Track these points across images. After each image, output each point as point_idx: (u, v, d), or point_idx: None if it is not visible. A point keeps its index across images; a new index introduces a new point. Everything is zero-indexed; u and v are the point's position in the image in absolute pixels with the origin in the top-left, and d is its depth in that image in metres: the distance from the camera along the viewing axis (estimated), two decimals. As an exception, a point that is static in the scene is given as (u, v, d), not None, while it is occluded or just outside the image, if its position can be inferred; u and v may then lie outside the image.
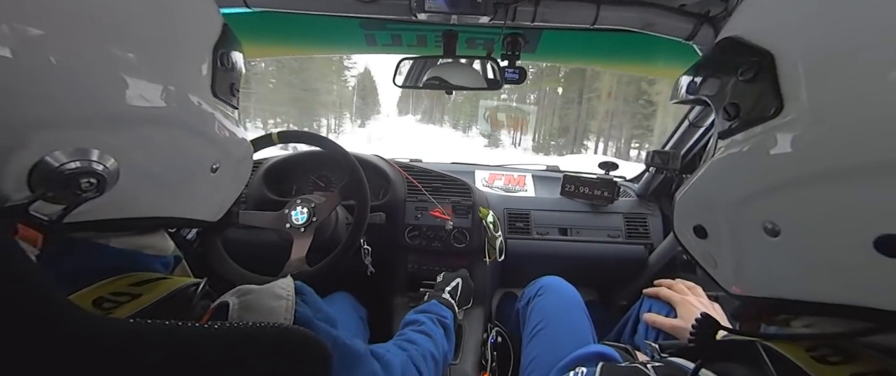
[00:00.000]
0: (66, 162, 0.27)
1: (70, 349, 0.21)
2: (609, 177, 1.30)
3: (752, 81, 0.31)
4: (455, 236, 1.17)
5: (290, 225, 0.87)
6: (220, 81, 0.38)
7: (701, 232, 0.38)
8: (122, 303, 0.31)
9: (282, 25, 1.14)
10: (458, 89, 1.13)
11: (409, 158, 1.54)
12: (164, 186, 0.36)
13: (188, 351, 0.25)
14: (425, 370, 0.59)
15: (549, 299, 0.91)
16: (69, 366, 0.21)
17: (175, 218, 0.39)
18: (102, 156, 0.29)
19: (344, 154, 0.89)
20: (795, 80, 0.27)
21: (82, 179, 0.28)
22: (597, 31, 0.94)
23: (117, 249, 0.36)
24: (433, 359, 0.63)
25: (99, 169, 0.29)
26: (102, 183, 0.29)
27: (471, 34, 1.11)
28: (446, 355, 0.69)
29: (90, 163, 0.28)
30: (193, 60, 0.36)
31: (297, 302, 0.36)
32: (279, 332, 0.29)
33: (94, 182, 0.29)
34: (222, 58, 0.39)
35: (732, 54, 0.34)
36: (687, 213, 0.40)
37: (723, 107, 0.34)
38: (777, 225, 0.29)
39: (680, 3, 0.87)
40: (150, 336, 0.24)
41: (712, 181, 0.37)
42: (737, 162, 0.33)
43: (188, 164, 0.37)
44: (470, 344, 1.03)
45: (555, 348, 0.78)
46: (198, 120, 0.36)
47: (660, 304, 0.83)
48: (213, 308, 0.33)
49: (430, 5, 0.82)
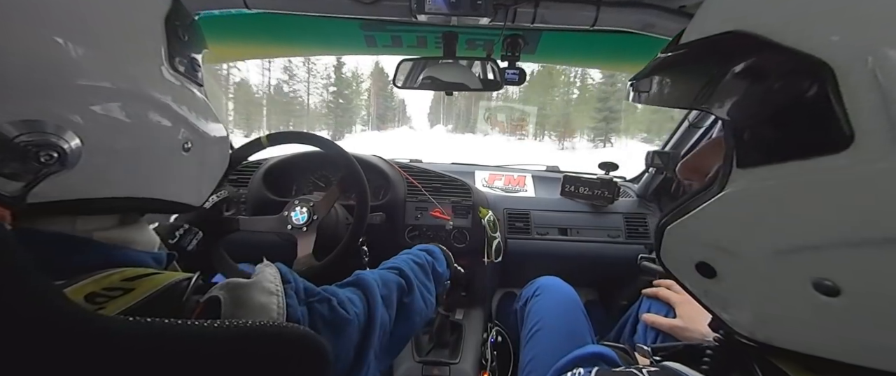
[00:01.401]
0: (17, 134, 0.27)
1: (62, 345, 0.21)
2: (609, 178, 1.31)
3: (799, 101, 0.23)
4: (455, 236, 1.17)
5: (291, 226, 0.88)
6: (177, 55, 0.38)
7: (707, 270, 0.31)
8: (114, 298, 0.30)
9: (282, 27, 1.14)
10: (457, 90, 1.14)
11: (410, 158, 1.54)
12: (133, 164, 0.35)
13: (185, 351, 0.25)
14: (409, 272, 0.60)
15: (546, 299, 0.91)
16: (61, 363, 0.21)
17: (154, 199, 0.38)
18: (61, 130, 0.29)
19: (339, 151, 0.90)
20: (871, 101, 0.20)
21: (40, 152, 0.28)
22: (596, 32, 0.95)
23: (104, 244, 0.36)
24: (417, 265, 0.64)
25: (56, 141, 0.29)
26: (63, 156, 0.29)
27: (471, 35, 1.11)
28: (434, 266, 0.70)
29: (46, 136, 0.28)
30: (145, 32, 0.36)
31: (287, 293, 0.36)
32: (279, 332, 0.30)
33: (54, 155, 0.29)
34: (176, 30, 0.38)
35: (759, 59, 0.25)
36: (685, 249, 0.33)
37: (745, 128, 0.26)
38: (836, 284, 0.23)
39: (679, 5, 0.87)
40: (145, 335, 0.24)
41: (729, 221, 0.28)
42: (774, 203, 0.25)
43: (154, 141, 0.37)
44: (470, 344, 1.03)
45: (553, 347, 0.78)
46: (157, 94, 0.36)
47: (659, 304, 0.83)
48: (203, 302, 0.33)
49: (431, 7, 0.82)
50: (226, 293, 0.33)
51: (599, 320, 1.34)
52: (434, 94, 21.87)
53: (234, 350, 0.27)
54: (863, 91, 0.21)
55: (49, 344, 0.21)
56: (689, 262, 0.32)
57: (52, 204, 0.31)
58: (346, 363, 0.42)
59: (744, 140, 0.27)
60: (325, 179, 1.25)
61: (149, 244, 0.41)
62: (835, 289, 0.23)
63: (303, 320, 0.36)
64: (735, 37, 0.26)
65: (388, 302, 0.52)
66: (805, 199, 0.24)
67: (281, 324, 0.31)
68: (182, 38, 0.39)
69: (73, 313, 0.22)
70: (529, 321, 0.88)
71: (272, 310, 0.34)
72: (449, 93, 1.15)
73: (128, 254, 0.37)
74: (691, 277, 0.33)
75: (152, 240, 0.42)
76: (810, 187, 0.23)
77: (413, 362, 0.98)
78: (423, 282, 0.64)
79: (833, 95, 0.21)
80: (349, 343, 0.42)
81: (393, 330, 0.52)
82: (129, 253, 0.38)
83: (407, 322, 0.56)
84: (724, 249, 0.29)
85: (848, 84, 0.21)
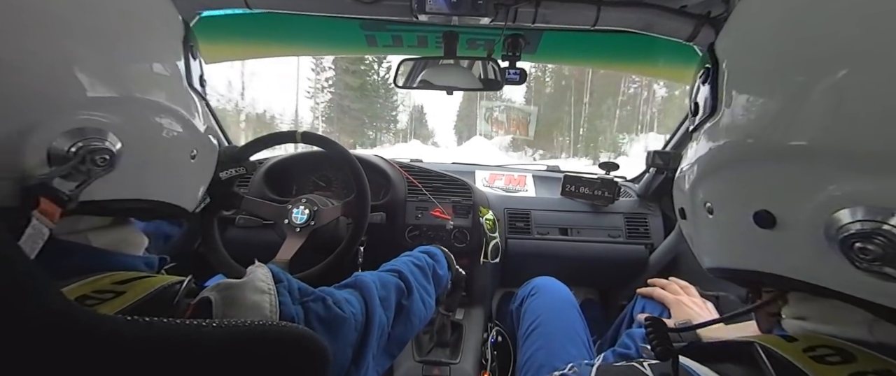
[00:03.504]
0: (71, 144, 0.30)
1: (62, 345, 0.21)
2: (609, 178, 1.31)
3: (704, 84, 0.37)
4: (455, 236, 1.17)
5: (288, 221, 0.88)
6: (192, 72, 0.43)
7: (682, 213, 0.44)
8: (105, 301, 0.31)
9: (282, 26, 1.14)
10: (458, 90, 1.14)
11: (410, 158, 1.54)
12: (153, 169, 0.39)
13: (185, 352, 0.25)
14: (409, 274, 0.60)
15: (541, 299, 0.91)
16: (60, 363, 0.21)
17: (161, 202, 0.40)
18: (110, 136, 0.32)
19: (341, 151, 0.90)
20: (723, 86, 0.34)
21: (97, 155, 0.31)
22: (597, 32, 0.95)
23: (97, 248, 0.36)
24: (417, 267, 0.64)
25: (110, 146, 0.32)
26: (113, 159, 0.32)
27: (471, 35, 1.11)
28: (435, 268, 0.69)
29: (103, 142, 0.32)
30: (174, 50, 0.41)
31: (280, 291, 0.36)
32: (278, 332, 0.30)
33: (106, 158, 0.32)
34: (191, 51, 0.43)
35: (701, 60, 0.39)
36: (675, 198, 0.46)
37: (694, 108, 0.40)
38: (712, 204, 0.36)
39: (681, 5, 0.87)
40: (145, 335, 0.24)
41: (687, 168, 0.42)
42: (695, 152, 0.39)
43: (172, 148, 0.40)
44: (470, 344, 1.03)
45: (549, 345, 0.79)
46: (183, 106, 0.41)
47: (653, 304, 0.83)
48: (194, 304, 0.33)
49: (431, 6, 0.83)
50: (217, 293, 0.33)
51: (596, 319, 1.34)
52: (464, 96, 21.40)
53: (235, 349, 0.27)
54: (721, 78, 0.35)
55: (49, 344, 0.21)
56: (678, 211, 0.44)
57: (84, 203, 0.32)
58: (345, 362, 0.42)
59: (693, 113, 0.40)
60: (325, 179, 1.26)
61: (138, 244, 0.42)
62: (711, 209, 0.36)
63: (298, 319, 0.36)
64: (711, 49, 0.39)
65: (386, 303, 0.52)
66: (700, 144, 0.37)
67: (281, 324, 0.31)
68: (195, 58, 0.44)
69: (74, 313, 0.22)
70: (525, 320, 0.88)
71: (264, 308, 0.33)
72: (449, 92, 1.16)
73: (119, 258, 0.38)
74: (681, 223, 0.45)
75: (141, 241, 0.43)
76: (703, 136, 0.37)
77: (413, 362, 0.98)
78: (423, 285, 0.63)
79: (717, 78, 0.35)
80: (346, 342, 0.42)
81: (391, 331, 0.52)
82: (119, 257, 0.38)
83: (406, 324, 0.56)
84: (682, 192, 0.42)
85: (719, 72, 0.35)
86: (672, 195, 0.47)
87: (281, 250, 0.85)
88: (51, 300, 0.21)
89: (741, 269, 0.35)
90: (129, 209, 0.39)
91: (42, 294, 0.21)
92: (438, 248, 0.79)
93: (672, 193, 0.47)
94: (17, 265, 0.21)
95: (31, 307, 0.21)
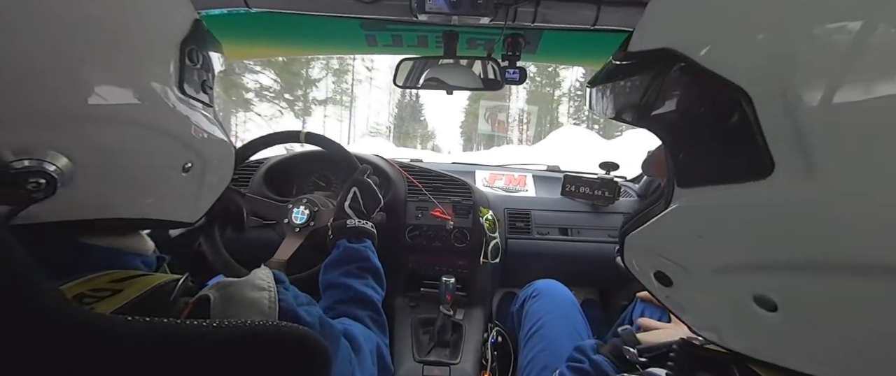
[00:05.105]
0: (13, 160, 0.27)
1: (62, 345, 0.21)
2: (610, 178, 1.30)
3: (725, 127, 0.22)
4: (455, 236, 1.17)
5: (288, 220, 0.88)
6: (188, 78, 0.38)
7: (664, 279, 0.31)
8: (102, 299, 0.31)
9: (282, 26, 1.14)
10: (458, 90, 1.14)
11: (410, 158, 1.54)
12: (133, 187, 0.36)
13: (186, 352, 0.25)
14: (376, 332, 0.61)
15: (543, 301, 0.91)
16: (60, 362, 0.21)
17: (150, 220, 0.39)
18: (54, 156, 0.29)
19: (342, 151, 0.90)
20: (786, 131, 0.20)
21: (29, 179, 0.28)
22: (597, 31, 0.94)
23: (97, 247, 0.36)
24: (372, 321, 0.64)
25: (50, 169, 0.28)
26: (52, 183, 0.29)
27: (471, 35, 1.11)
28: (376, 303, 0.68)
29: (40, 163, 0.28)
30: (157, 57, 0.35)
31: (279, 290, 0.36)
32: (279, 332, 0.29)
33: (42, 182, 0.28)
34: (191, 54, 0.38)
35: (686, 80, 0.24)
36: (643, 258, 0.33)
37: (679, 153, 0.26)
38: (773, 300, 0.23)
39: (681, 4, 0.87)
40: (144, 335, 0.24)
41: (676, 236, 0.29)
42: (712, 223, 0.25)
43: (156, 164, 0.37)
44: (470, 344, 1.03)
45: (551, 346, 0.78)
46: (163, 118, 0.36)
47: (653, 308, 0.83)
48: (192, 302, 0.33)
49: (431, 6, 0.82)
50: (216, 292, 0.33)
51: (597, 319, 1.34)
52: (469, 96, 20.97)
53: (235, 349, 0.27)
54: (778, 120, 0.20)
55: (47, 343, 0.21)
56: (649, 270, 0.32)
57: (47, 225, 0.31)
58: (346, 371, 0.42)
59: (680, 160, 0.26)
60: (325, 179, 1.26)
61: (143, 249, 0.42)
62: (772, 306, 0.23)
63: (297, 318, 0.36)
64: (665, 54, 0.25)
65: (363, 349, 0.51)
66: (739, 222, 0.23)
67: (282, 325, 0.31)
68: (195, 62, 0.39)
69: (72, 312, 0.22)
70: (527, 322, 0.88)
71: (263, 304, 0.33)
72: (449, 92, 1.16)
73: (117, 257, 0.38)
74: (652, 284, 0.33)
75: (147, 246, 0.42)
76: (742, 211, 0.23)
77: (413, 362, 0.98)
78: (369, 316, 0.64)
79: (753, 123, 0.21)
80: (343, 358, 0.42)
81: None
82: (119, 255, 0.38)
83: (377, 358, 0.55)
84: (674, 262, 0.29)
85: (765, 112, 0.20)
86: (622, 240, 0.35)
87: (279, 250, 0.85)
88: (49, 299, 0.21)
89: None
90: (122, 227, 0.38)
91: (41, 293, 0.21)
92: (358, 244, 0.76)
93: (624, 239, 0.35)
94: (15, 264, 0.20)
95: (30, 306, 0.20)
